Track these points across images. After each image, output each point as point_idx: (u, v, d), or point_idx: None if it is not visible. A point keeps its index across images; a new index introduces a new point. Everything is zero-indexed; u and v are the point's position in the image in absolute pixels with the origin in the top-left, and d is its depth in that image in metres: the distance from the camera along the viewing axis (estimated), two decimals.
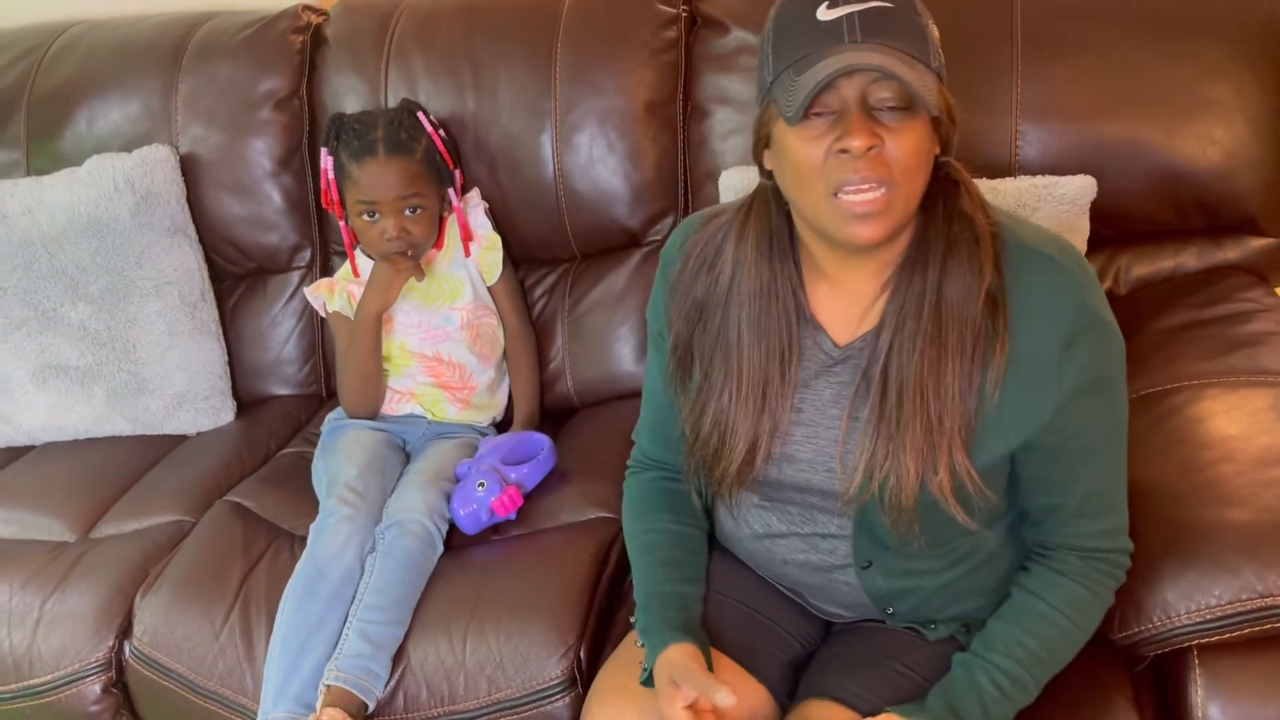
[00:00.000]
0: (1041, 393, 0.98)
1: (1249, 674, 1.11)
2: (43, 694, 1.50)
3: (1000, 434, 1.00)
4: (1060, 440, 1.01)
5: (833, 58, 0.88)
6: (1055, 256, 0.98)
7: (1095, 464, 1.04)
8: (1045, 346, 0.96)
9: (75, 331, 1.85)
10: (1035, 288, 0.97)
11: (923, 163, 0.92)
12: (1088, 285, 0.99)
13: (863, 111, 0.89)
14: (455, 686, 1.36)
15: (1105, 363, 1.00)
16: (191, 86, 1.90)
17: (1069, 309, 0.96)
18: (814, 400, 1.06)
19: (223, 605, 1.48)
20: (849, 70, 0.87)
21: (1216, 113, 1.53)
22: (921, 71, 0.89)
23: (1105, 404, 1.01)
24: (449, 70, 1.81)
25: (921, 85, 0.87)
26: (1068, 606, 1.06)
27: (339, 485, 1.53)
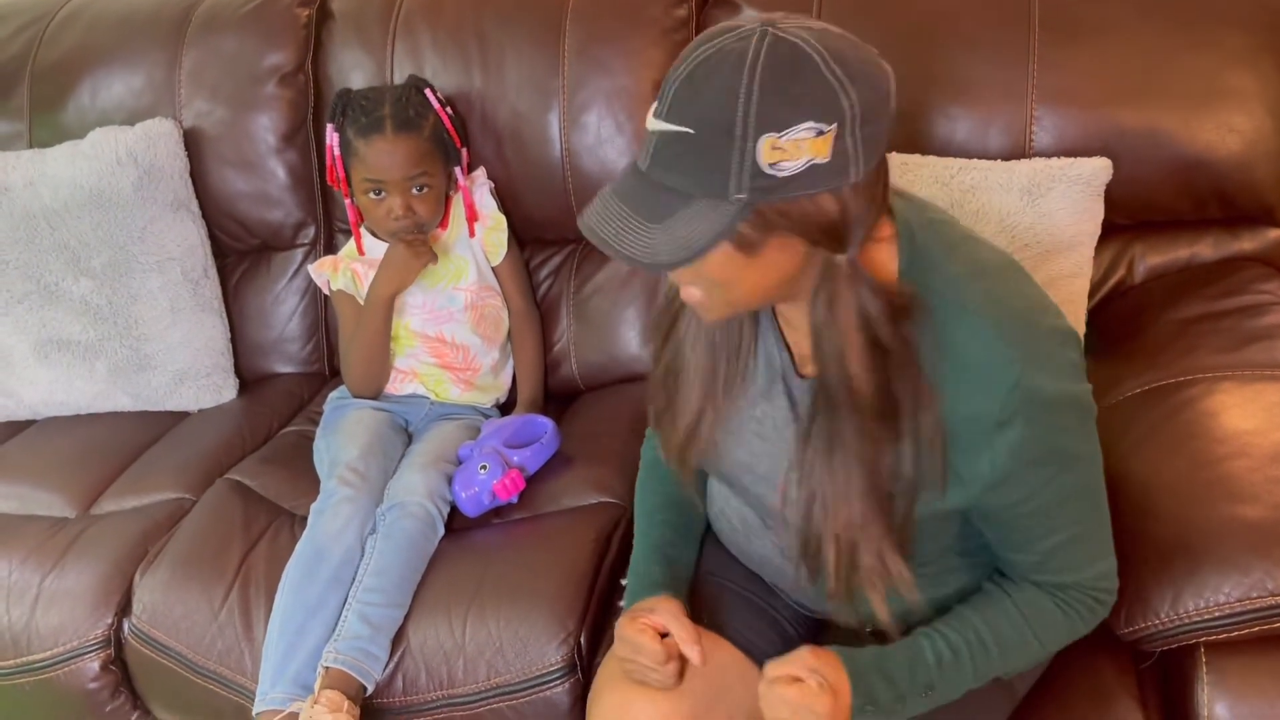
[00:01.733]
0: (975, 462, 0.94)
1: (1257, 672, 1.09)
2: (41, 670, 1.50)
3: (935, 492, 0.97)
4: (1007, 506, 0.98)
5: (602, 194, 0.89)
6: (998, 327, 0.92)
7: (1051, 524, 1.00)
8: (980, 418, 0.92)
9: (77, 306, 1.83)
10: (971, 362, 0.92)
11: (734, 281, 0.90)
12: (1034, 358, 0.91)
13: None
14: (454, 670, 1.36)
15: (1051, 439, 0.94)
16: (196, 60, 1.88)
17: (1002, 388, 0.90)
18: (773, 417, 1.05)
19: (222, 584, 1.47)
20: (589, 232, 0.88)
21: (1236, 101, 1.50)
22: (677, 222, 0.84)
23: (1055, 473, 0.96)
24: (456, 47, 1.78)
25: (658, 243, 0.84)
26: (1032, 613, 1.04)
27: (340, 465, 1.52)
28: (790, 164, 0.82)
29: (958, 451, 0.94)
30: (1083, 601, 1.05)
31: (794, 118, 0.81)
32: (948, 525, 1.04)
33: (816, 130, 0.82)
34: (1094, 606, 1.06)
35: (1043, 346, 0.93)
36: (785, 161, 0.82)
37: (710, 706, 1.09)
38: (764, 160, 0.82)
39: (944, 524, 1.03)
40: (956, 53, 1.57)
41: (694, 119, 0.83)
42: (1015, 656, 1.06)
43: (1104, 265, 1.60)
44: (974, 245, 1.00)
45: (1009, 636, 1.04)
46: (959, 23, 1.58)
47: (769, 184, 0.83)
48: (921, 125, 1.58)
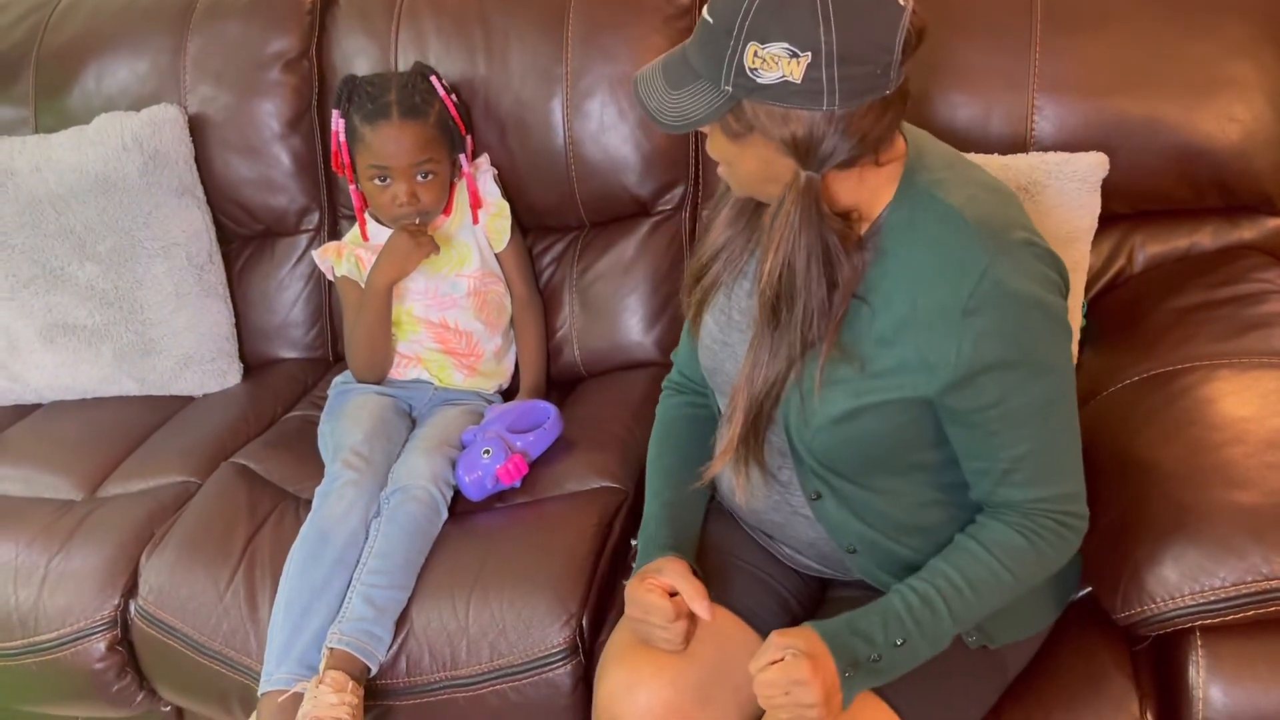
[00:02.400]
0: (944, 349, 0.99)
1: (1251, 657, 1.11)
2: (48, 651, 1.52)
3: (897, 379, 1.02)
4: (972, 408, 1.02)
5: (651, 63, 1.04)
6: (967, 217, 0.99)
7: (1018, 434, 1.02)
8: (948, 307, 0.98)
9: (83, 291, 1.84)
10: (941, 245, 0.99)
11: (729, 162, 1.04)
12: (1002, 252, 0.98)
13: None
14: (458, 652, 1.37)
15: (1020, 338, 0.99)
16: (200, 46, 1.88)
17: (973, 275, 0.97)
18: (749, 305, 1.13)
19: (227, 566, 1.48)
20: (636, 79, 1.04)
21: (1236, 90, 1.51)
22: (684, 94, 0.99)
23: (1023, 378, 1.00)
24: (460, 34, 1.79)
25: (668, 105, 1.00)
26: (999, 549, 1.06)
27: (345, 449, 1.53)
28: (767, 73, 0.94)
29: (926, 338, 0.99)
30: (1048, 527, 1.06)
31: (775, 35, 0.93)
32: (915, 434, 1.06)
33: (791, 52, 0.93)
34: (1060, 531, 1.07)
35: (1015, 250, 1.00)
36: (763, 70, 0.94)
37: (716, 679, 1.11)
38: (747, 63, 0.95)
39: (909, 430, 1.05)
40: (959, 41, 1.58)
41: (716, 13, 0.96)
42: (990, 593, 1.07)
43: (1104, 254, 1.61)
44: (974, 168, 1.09)
45: (979, 575, 1.06)
46: (962, 11, 1.59)
47: (749, 84, 0.95)
48: (923, 113, 1.58)
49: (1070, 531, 1.08)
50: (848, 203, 1.03)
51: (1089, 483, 1.26)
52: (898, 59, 0.94)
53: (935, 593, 1.05)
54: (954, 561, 1.07)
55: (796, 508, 1.17)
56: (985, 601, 1.07)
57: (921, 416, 1.05)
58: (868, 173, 1.02)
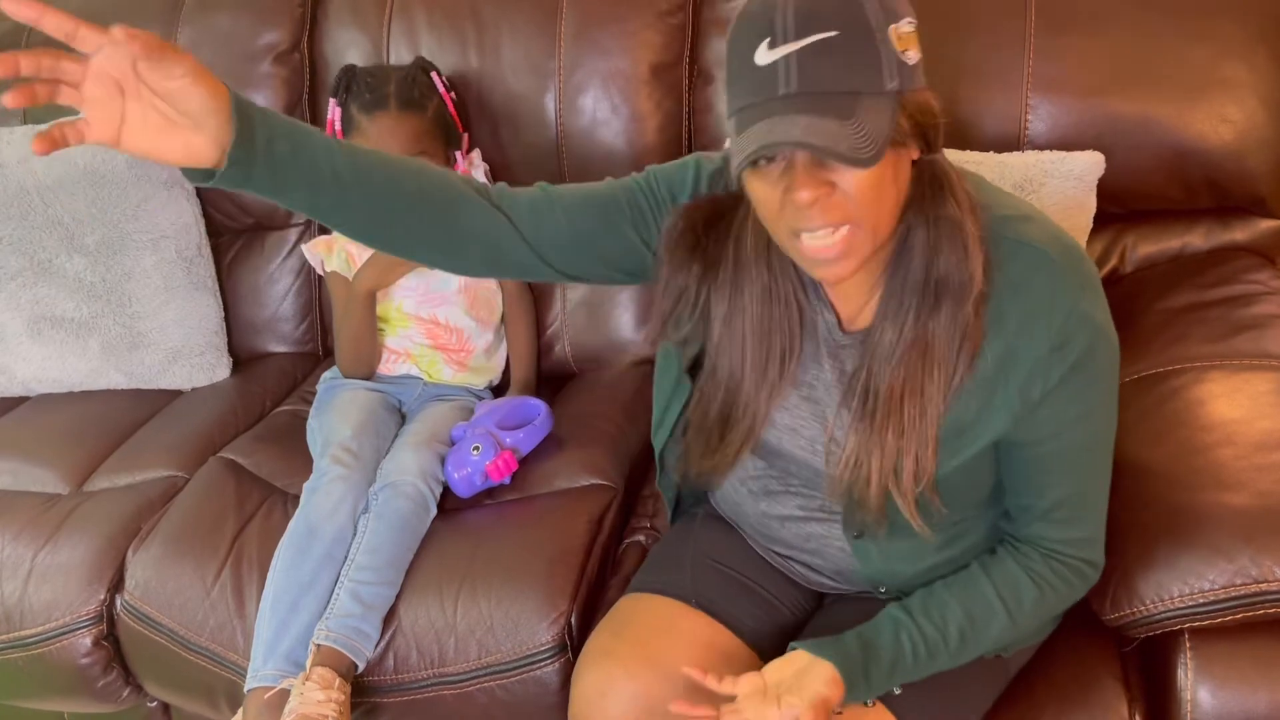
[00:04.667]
0: (1026, 390, 0.97)
1: (1239, 659, 1.11)
2: (33, 646, 1.51)
3: (980, 427, 0.99)
4: (1035, 440, 1.00)
5: (762, 125, 0.84)
6: (1055, 256, 0.96)
7: (1068, 472, 1.02)
8: (1037, 345, 0.95)
9: (71, 283, 1.83)
10: (1030, 288, 0.95)
11: (885, 193, 0.89)
12: (1085, 287, 0.97)
13: (808, 163, 0.86)
14: (445, 649, 1.37)
15: (1094, 368, 0.97)
16: (190, 37, 1.87)
17: (1062, 310, 0.94)
18: (821, 378, 1.06)
19: (214, 562, 1.47)
20: (771, 147, 0.84)
21: (1230, 91, 1.51)
22: (861, 118, 0.84)
23: (1086, 409, 0.99)
24: (452, 27, 1.78)
25: (854, 139, 0.83)
26: (1012, 596, 1.05)
27: (333, 445, 1.52)
28: (912, 52, 0.87)
29: (1016, 379, 0.96)
30: (1062, 575, 1.06)
31: (899, 9, 0.87)
32: (984, 469, 1.04)
33: (912, 24, 0.88)
34: (1071, 580, 1.06)
35: (1092, 279, 0.99)
36: (909, 50, 0.87)
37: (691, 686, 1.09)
38: (897, 49, 0.85)
39: (982, 467, 1.03)
40: (953, 39, 1.57)
41: (833, 22, 0.84)
42: (990, 639, 1.07)
43: (1096, 254, 1.61)
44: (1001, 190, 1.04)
45: (986, 620, 1.05)
46: (956, 9, 1.59)
47: (906, 72, 0.86)
48: None
49: (1082, 580, 1.07)
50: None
51: None
52: None
53: (942, 641, 1.04)
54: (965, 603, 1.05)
55: (833, 539, 1.13)
56: (983, 645, 1.07)
57: (992, 458, 1.03)
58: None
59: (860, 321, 1.03)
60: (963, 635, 1.05)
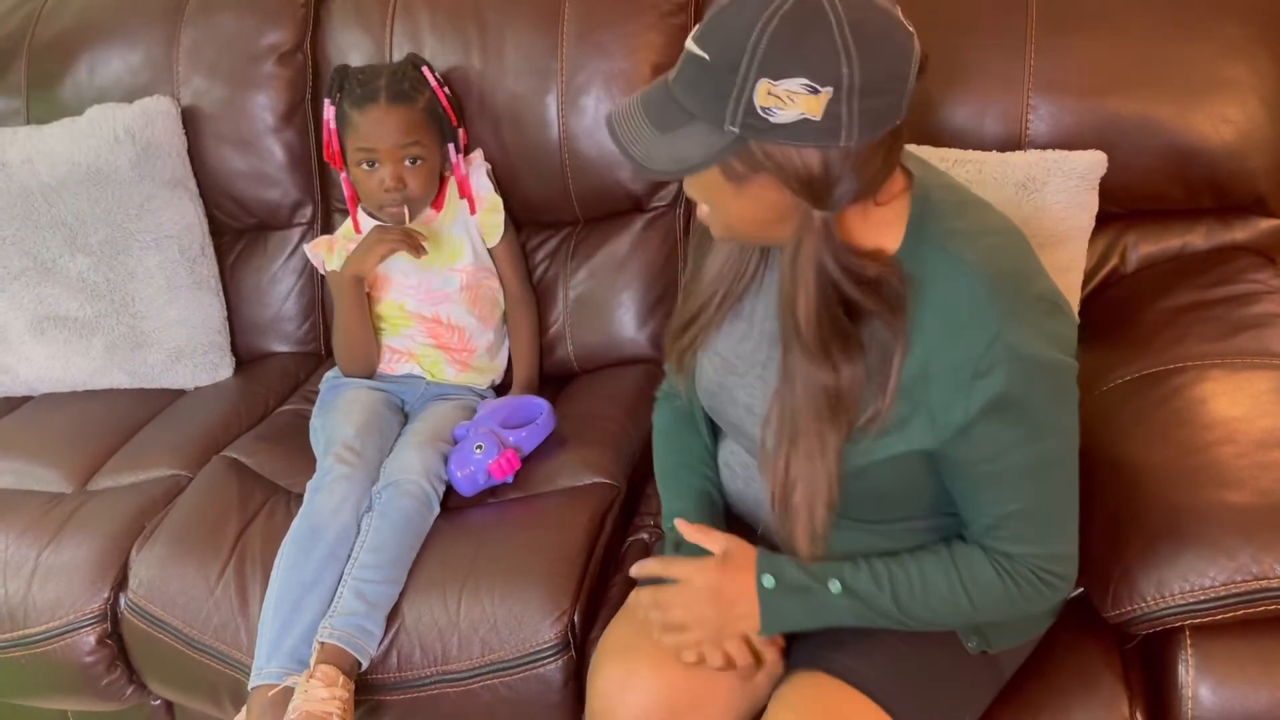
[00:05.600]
0: (950, 409, 0.97)
1: (1240, 656, 1.11)
2: (37, 644, 1.51)
3: (899, 433, 1.00)
4: (968, 460, 1.00)
5: (626, 101, 0.95)
6: (983, 280, 0.95)
7: (1008, 492, 1.01)
8: (959, 368, 0.95)
9: (74, 283, 1.84)
10: (955, 308, 0.95)
11: (725, 205, 0.96)
12: (1018, 316, 0.95)
13: None
14: (449, 647, 1.37)
15: (1024, 398, 0.96)
16: (194, 37, 1.88)
17: (984, 338, 0.94)
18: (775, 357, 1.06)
19: (218, 560, 1.48)
20: (612, 114, 0.95)
21: (1231, 92, 1.51)
22: (677, 137, 0.91)
23: (1021, 438, 0.98)
24: (455, 28, 1.78)
25: (656, 150, 0.92)
26: (969, 574, 1.05)
27: (336, 444, 1.52)
28: (782, 112, 0.87)
29: (935, 396, 0.97)
30: (1026, 577, 1.05)
31: (792, 70, 0.86)
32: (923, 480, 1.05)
33: (810, 88, 0.86)
34: (1038, 585, 1.05)
35: (1028, 309, 0.97)
36: (777, 108, 0.87)
37: (709, 677, 1.11)
38: (759, 101, 0.87)
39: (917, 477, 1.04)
40: (954, 40, 1.58)
41: (713, 47, 0.88)
42: (940, 603, 1.06)
43: (1097, 254, 1.61)
44: (983, 209, 1.04)
45: (936, 582, 1.05)
46: (957, 9, 1.59)
47: (759, 124, 0.88)
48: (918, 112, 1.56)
49: (1047, 588, 1.06)
50: (855, 240, 0.98)
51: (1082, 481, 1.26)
52: (911, 87, 0.90)
53: (886, 572, 1.05)
54: (920, 561, 1.07)
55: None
56: (933, 608, 1.06)
57: (929, 466, 1.03)
58: (870, 210, 0.97)
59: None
60: (909, 579, 1.05)
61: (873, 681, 1.07)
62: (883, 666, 1.08)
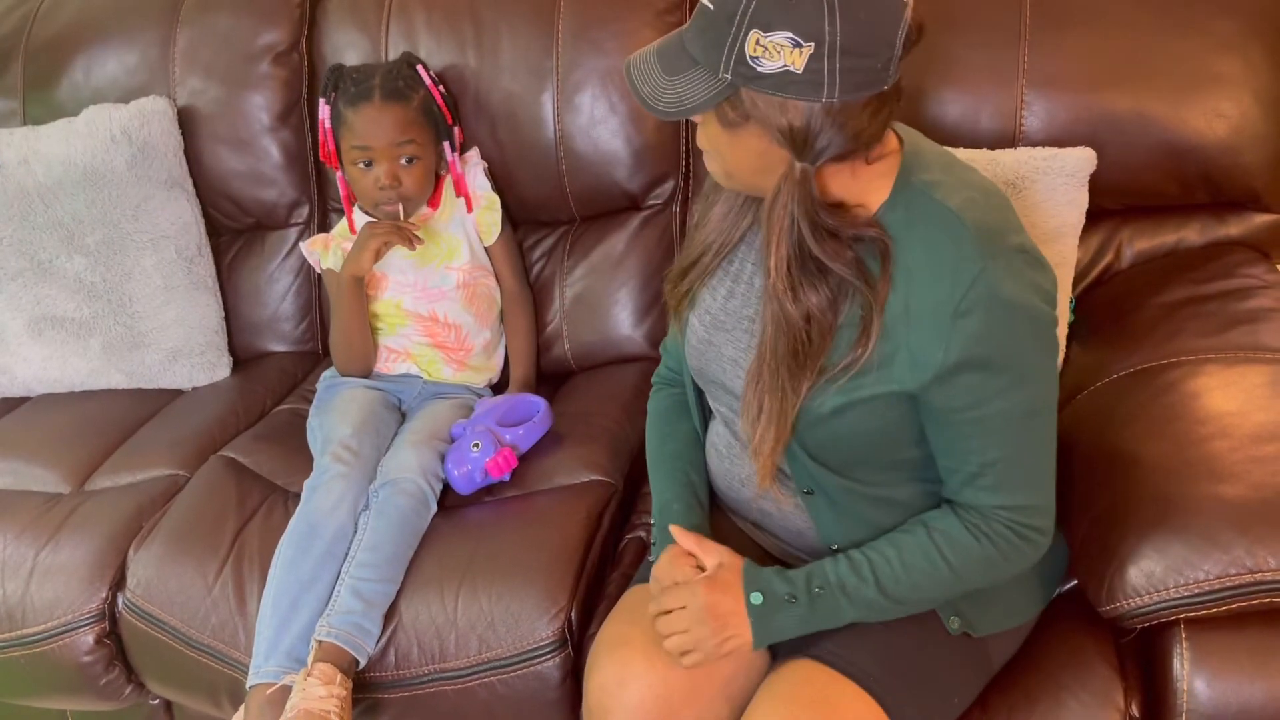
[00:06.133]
0: (931, 347, 1.00)
1: (1235, 649, 1.11)
2: (36, 644, 1.51)
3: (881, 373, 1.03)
4: (951, 407, 1.02)
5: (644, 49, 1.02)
6: (967, 222, 0.99)
7: (991, 439, 1.03)
8: (940, 307, 0.98)
9: (71, 283, 1.84)
10: (938, 247, 0.99)
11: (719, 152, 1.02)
12: (996, 259, 0.98)
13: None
14: (446, 645, 1.37)
15: (1005, 344, 0.99)
16: (190, 38, 1.88)
17: (966, 279, 0.97)
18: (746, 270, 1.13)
19: (216, 560, 1.48)
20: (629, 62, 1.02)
21: (1224, 87, 1.51)
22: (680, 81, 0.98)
23: (1004, 385, 1.00)
24: (450, 27, 1.79)
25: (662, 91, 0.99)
26: (944, 540, 1.07)
27: (334, 443, 1.53)
28: (768, 62, 0.93)
29: (916, 336, 1.00)
30: (1002, 534, 1.07)
31: (779, 23, 0.92)
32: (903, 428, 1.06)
33: (794, 42, 0.92)
34: (1015, 541, 1.07)
35: (1009, 256, 1.00)
36: (764, 59, 0.93)
37: (705, 673, 1.12)
38: (748, 50, 0.93)
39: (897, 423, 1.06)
40: (948, 36, 1.58)
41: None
42: (924, 578, 1.08)
43: (1092, 250, 1.62)
44: (969, 171, 1.08)
45: (915, 558, 1.07)
46: (952, 5, 1.59)
47: (749, 73, 0.94)
48: (913, 108, 1.58)
49: (1026, 544, 1.08)
50: (840, 195, 1.03)
51: (1076, 477, 1.28)
52: (898, 54, 0.95)
53: (866, 562, 1.08)
54: (896, 540, 1.09)
55: (785, 496, 1.17)
56: (917, 584, 1.08)
57: (908, 412, 1.05)
58: (859, 168, 1.01)
59: None
60: (889, 564, 1.07)
61: (859, 667, 1.09)
62: (869, 652, 1.10)
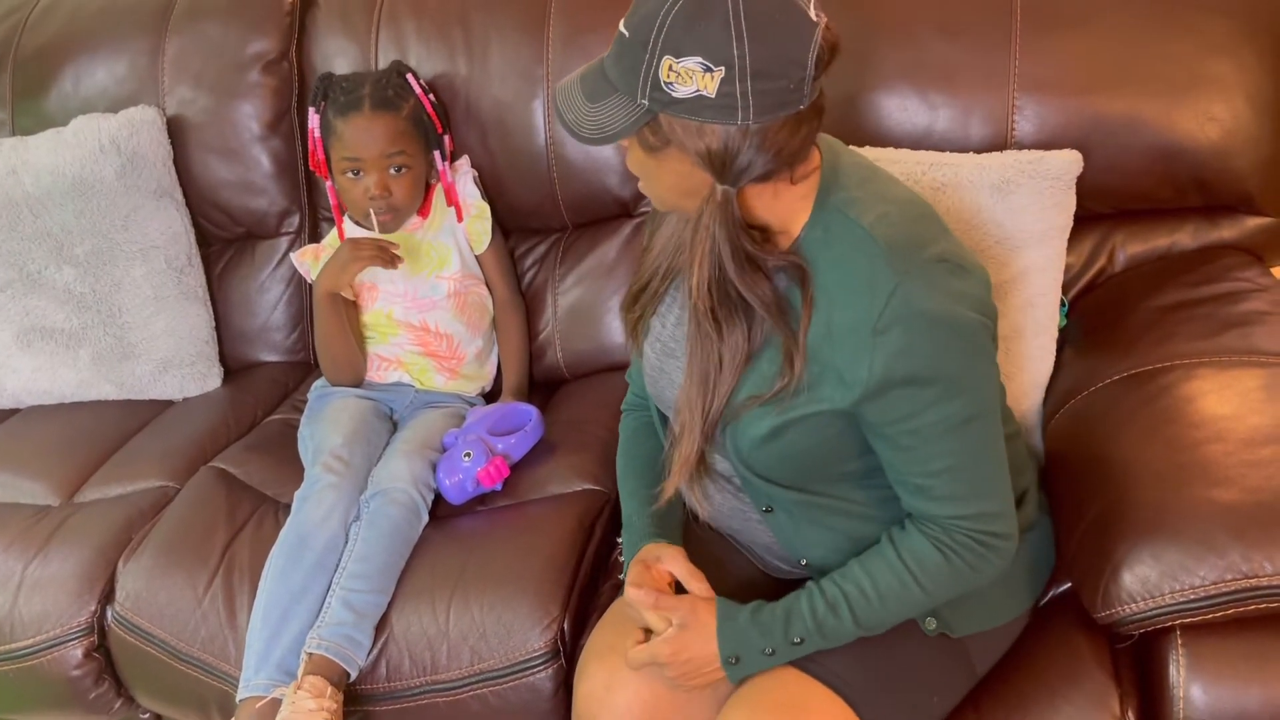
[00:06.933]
0: (856, 367, 1.00)
1: (1231, 655, 1.10)
2: (24, 658, 1.50)
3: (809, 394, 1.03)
4: (885, 421, 1.02)
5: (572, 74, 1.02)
6: (879, 240, 0.99)
7: (930, 450, 1.03)
8: (859, 326, 0.99)
9: (60, 294, 1.83)
10: (853, 268, 1.00)
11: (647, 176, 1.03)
12: (914, 274, 0.98)
13: None
14: (438, 656, 1.36)
15: (930, 356, 0.99)
16: (179, 47, 1.87)
17: (881, 296, 0.97)
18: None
19: (206, 571, 1.47)
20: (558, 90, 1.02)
21: (1216, 89, 1.51)
22: (601, 107, 0.98)
23: (935, 396, 1.00)
24: (440, 34, 1.78)
25: (585, 117, 0.99)
26: (914, 560, 1.07)
27: (324, 453, 1.52)
28: (682, 87, 0.94)
29: (840, 356, 1.01)
30: (966, 545, 1.06)
31: (689, 49, 0.93)
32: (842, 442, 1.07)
33: (705, 67, 0.93)
34: (980, 551, 1.07)
35: (926, 268, 1.00)
36: (678, 84, 0.94)
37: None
38: (662, 76, 0.94)
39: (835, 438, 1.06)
40: (939, 41, 1.57)
41: (632, 26, 0.96)
42: (898, 603, 1.08)
43: (1085, 253, 1.61)
44: (888, 183, 1.09)
45: (889, 585, 1.07)
46: (942, 10, 1.59)
47: (664, 98, 0.95)
48: (904, 112, 1.58)
49: (990, 551, 1.07)
50: (764, 218, 1.03)
51: (1070, 482, 1.27)
52: (811, 74, 0.95)
53: (842, 598, 1.08)
54: (869, 567, 1.09)
55: (751, 516, 1.18)
56: (892, 610, 1.09)
57: (846, 428, 1.05)
58: (782, 188, 1.02)
59: None
60: (866, 598, 1.07)
61: (832, 671, 1.09)
62: (843, 656, 1.10)
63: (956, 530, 1.06)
